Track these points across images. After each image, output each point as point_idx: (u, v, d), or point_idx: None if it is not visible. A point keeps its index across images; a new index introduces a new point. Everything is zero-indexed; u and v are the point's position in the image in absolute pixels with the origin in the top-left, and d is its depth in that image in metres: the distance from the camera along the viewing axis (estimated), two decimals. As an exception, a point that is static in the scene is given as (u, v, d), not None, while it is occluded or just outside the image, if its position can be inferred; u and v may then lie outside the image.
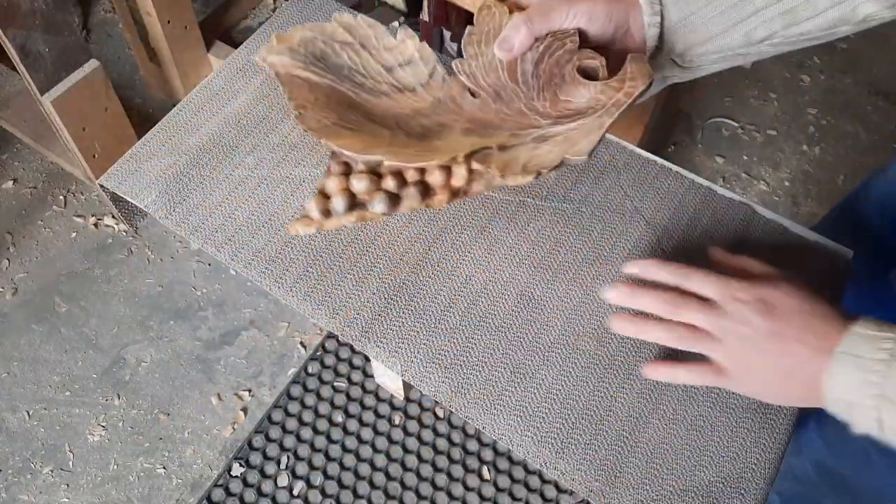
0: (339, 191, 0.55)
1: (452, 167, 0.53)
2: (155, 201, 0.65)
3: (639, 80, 0.51)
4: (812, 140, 1.58)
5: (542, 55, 0.54)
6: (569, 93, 0.53)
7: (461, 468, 1.14)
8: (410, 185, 0.54)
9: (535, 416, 0.57)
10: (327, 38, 0.59)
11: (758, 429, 0.58)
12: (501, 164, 0.50)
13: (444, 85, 0.57)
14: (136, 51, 1.48)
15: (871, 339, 0.44)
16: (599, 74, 0.53)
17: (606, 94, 0.52)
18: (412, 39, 0.58)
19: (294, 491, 1.12)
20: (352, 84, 0.58)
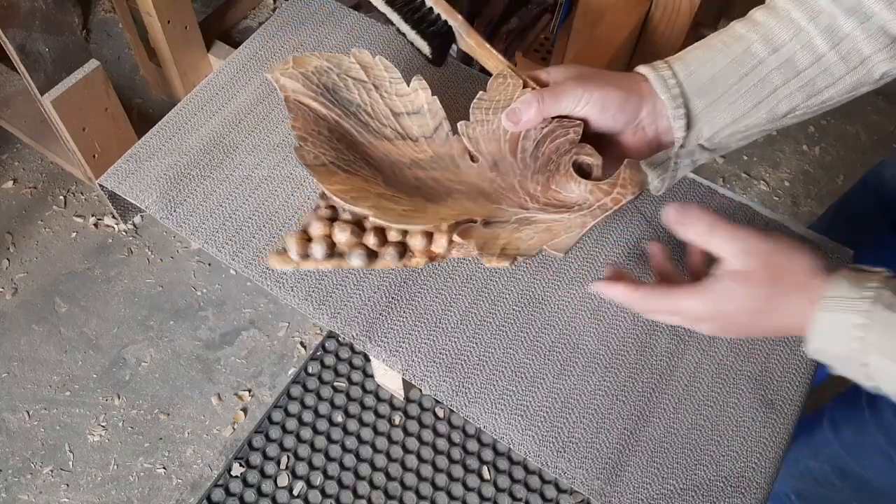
0: (320, 237, 0.55)
1: (434, 233, 0.54)
2: (155, 202, 0.65)
3: (629, 188, 0.51)
4: (812, 140, 1.58)
5: (544, 137, 0.54)
6: (560, 184, 0.53)
7: (461, 468, 1.14)
8: (390, 245, 0.55)
9: (535, 415, 0.57)
10: (343, 71, 0.59)
11: (759, 427, 0.58)
12: (482, 241, 0.51)
13: (446, 142, 0.58)
14: (136, 51, 1.48)
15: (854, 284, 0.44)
16: (594, 173, 0.53)
17: (595, 195, 0.52)
18: (425, 91, 0.58)
19: (294, 491, 1.12)
20: (356, 121, 0.58)
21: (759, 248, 0.47)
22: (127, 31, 1.43)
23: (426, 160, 0.57)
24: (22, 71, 1.04)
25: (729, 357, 0.60)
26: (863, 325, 0.42)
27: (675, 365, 0.60)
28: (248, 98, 0.72)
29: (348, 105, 0.58)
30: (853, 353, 0.43)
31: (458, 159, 0.57)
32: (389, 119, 0.59)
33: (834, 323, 0.44)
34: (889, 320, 0.42)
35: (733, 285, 0.47)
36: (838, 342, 0.44)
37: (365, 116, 0.58)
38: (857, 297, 0.43)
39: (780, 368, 0.60)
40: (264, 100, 0.72)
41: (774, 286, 0.47)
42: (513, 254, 0.50)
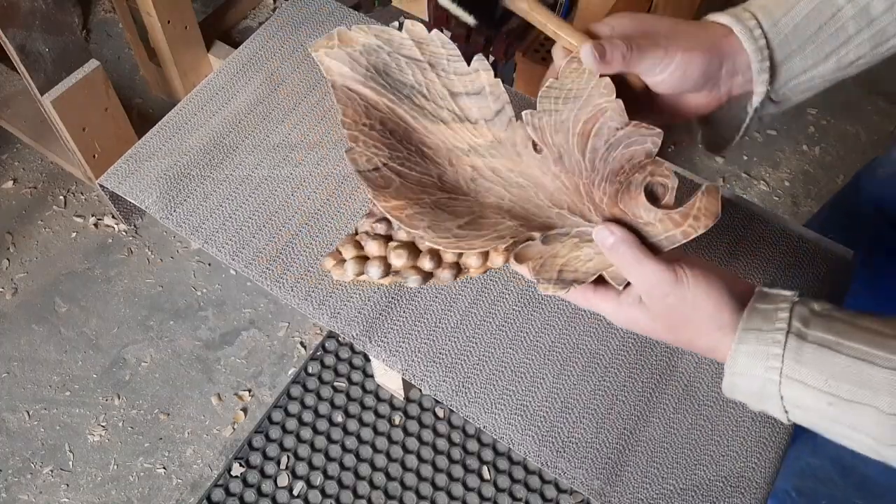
0: (376, 258, 0.54)
1: (490, 252, 0.52)
2: (155, 202, 0.65)
3: (703, 220, 0.46)
4: (812, 140, 1.58)
5: (618, 140, 0.49)
6: (628, 205, 0.48)
7: (461, 468, 1.14)
8: (446, 267, 0.54)
9: (535, 415, 0.57)
10: (394, 49, 0.54)
11: (758, 427, 0.58)
12: (538, 263, 0.48)
13: (508, 127, 0.53)
14: (136, 51, 1.48)
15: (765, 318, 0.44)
16: (666, 198, 0.48)
17: (664, 224, 0.47)
18: (487, 72, 0.54)
19: (294, 491, 1.12)
20: (411, 105, 0.54)
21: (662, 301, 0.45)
22: (127, 31, 1.43)
23: (485, 145, 0.53)
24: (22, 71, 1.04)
25: (729, 357, 0.60)
26: (777, 355, 0.42)
27: (675, 365, 0.60)
28: (248, 98, 0.72)
29: (401, 88, 0.54)
30: (769, 387, 0.43)
31: (521, 147, 0.52)
32: (447, 100, 0.54)
33: (749, 357, 0.44)
34: (799, 348, 0.42)
35: (640, 316, 0.47)
36: (754, 378, 0.44)
37: (420, 99, 0.54)
38: (770, 330, 0.43)
39: (779, 368, 0.60)
40: (264, 100, 0.72)
41: (678, 333, 0.47)
42: (570, 279, 0.47)
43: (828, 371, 0.42)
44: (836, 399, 0.42)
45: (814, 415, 0.43)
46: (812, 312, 0.43)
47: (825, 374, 0.42)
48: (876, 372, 0.41)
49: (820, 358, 0.42)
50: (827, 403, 0.42)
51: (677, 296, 0.45)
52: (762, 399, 0.44)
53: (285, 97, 0.72)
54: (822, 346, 0.42)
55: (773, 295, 0.45)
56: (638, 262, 0.45)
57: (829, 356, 0.42)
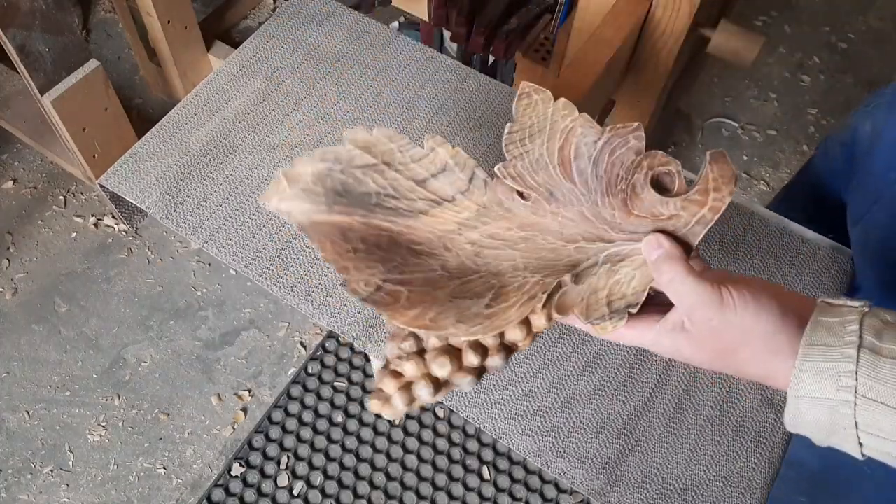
0: (420, 377, 0.48)
1: (530, 317, 0.47)
2: (156, 202, 0.65)
3: (724, 189, 0.44)
4: (812, 140, 1.58)
5: (601, 152, 0.47)
6: (642, 207, 0.46)
7: (461, 468, 1.14)
8: (494, 353, 0.48)
9: (535, 415, 0.57)
10: (345, 165, 0.51)
11: (758, 428, 0.58)
12: (583, 306, 0.44)
13: (487, 189, 0.50)
14: (136, 51, 1.48)
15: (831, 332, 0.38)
16: (677, 184, 0.46)
17: (688, 210, 0.44)
18: (443, 147, 0.51)
19: (294, 491, 1.12)
20: (384, 211, 0.51)
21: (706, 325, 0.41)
22: (127, 31, 1.43)
23: (473, 217, 0.50)
24: (22, 71, 1.04)
25: (729, 357, 0.61)
26: (850, 372, 0.37)
27: (675, 365, 0.60)
28: (248, 98, 0.72)
29: (367, 199, 0.51)
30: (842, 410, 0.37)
31: (507, 202, 0.50)
32: (416, 190, 0.51)
33: (817, 377, 0.38)
34: (875, 364, 0.37)
35: (683, 344, 0.43)
36: (824, 402, 0.38)
37: (390, 201, 0.51)
38: (838, 346, 0.38)
39: (779, 368, 0.60)
40: (264, 100, 0.72)
41: (727, 360, 0.42)
42: (622, 306, 0.44)
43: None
44: None
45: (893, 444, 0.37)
46: (885, 323, 0.38)
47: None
48: None
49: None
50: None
51: (722, 319, 0.40)
52: (833, 429, 0.38)
53: (285, 97, 0.72)
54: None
55: (839, 306, 0.40)
56: (681, 281, 0.41)
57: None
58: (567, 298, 0.45)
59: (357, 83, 0.74)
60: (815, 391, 0.38)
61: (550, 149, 0.49)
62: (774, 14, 1.76)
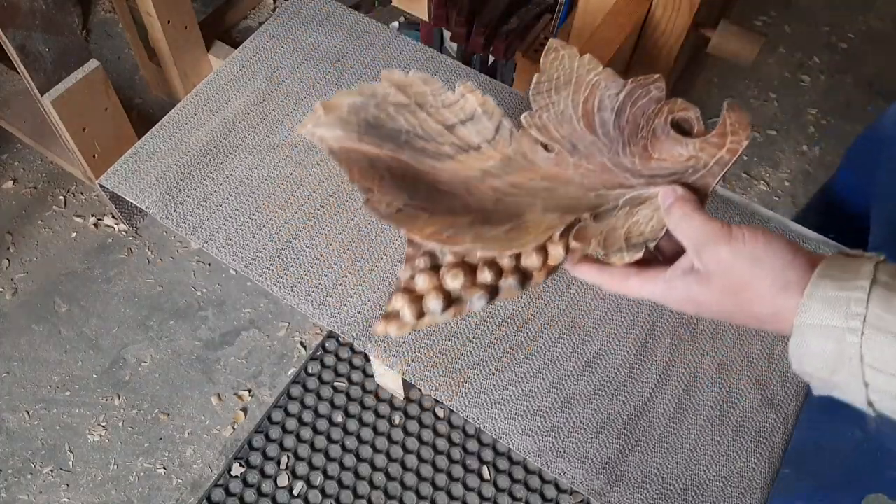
0: (431, 290, 0.49)
1: (548, 246, 0.48)
2: (155, 202, 0.65)
3: (741, 132, 0.46)
4: (812, 140, 1.58)
5: (623, 103, 0.49)
6: (662, 150, 0.47)
7: (461, 468, 1.14)
8: (508, 274, 0.49)
9: (536, 415, 0.57)
10: (379, 100, 0.53)
11: (759, 428, 0.58)
12: (601, 238, 0.45)
13: (512, 140, 0.52)
14: (136, 51, 1.48)
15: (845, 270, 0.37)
16: (695, 127, 0.48)
17: (707, 151, 0.46)
18: (473, 94, 0.53)
19: (294, 491, 1.12)
20: (412, 150, 0.52)
21: (715, 259, 0.40)
22: (127, 31, 1.43)
23: (497, 166, 0.52)
24: (22, 71, 1.04)
25: (729, 357, 0.60)
26: (861, 300, 0.35)
27: (675, 365, 0.60)
28: (248, 98, 0.72)
29: (398, 135, 0.53)
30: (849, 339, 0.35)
31: (531, 154, 0.51)
32: (444, 135, 0.53)
33: (825, 305, 0.36)
34: (888, 298, 0.35)
35: (693, 286, 0.42)
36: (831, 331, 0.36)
37: (419, 142, 0.53)
38: (851, 279, 0.36)
39: (780, 369, 0.60)
40: (264, 100, 0.72)
41: (737, 297, 0.41)
42: (639, 241, 0.44)
43: None
44: None
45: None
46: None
47: None
48: None
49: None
50: None
51: (731, 252, 0.40)
52: (838, 362, 0.36)
53: (285, 97, 0.72)
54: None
55: (856, 254, 0.39)
56: (690, 218, 0.42)
57: None
58: (586, 230, 0.46)
59: (357, 83, 0.74)
60: (822, 318, 0.37)
61: (575, 101, 0.50)
62: (774, 14, 1.76)
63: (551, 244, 0.47)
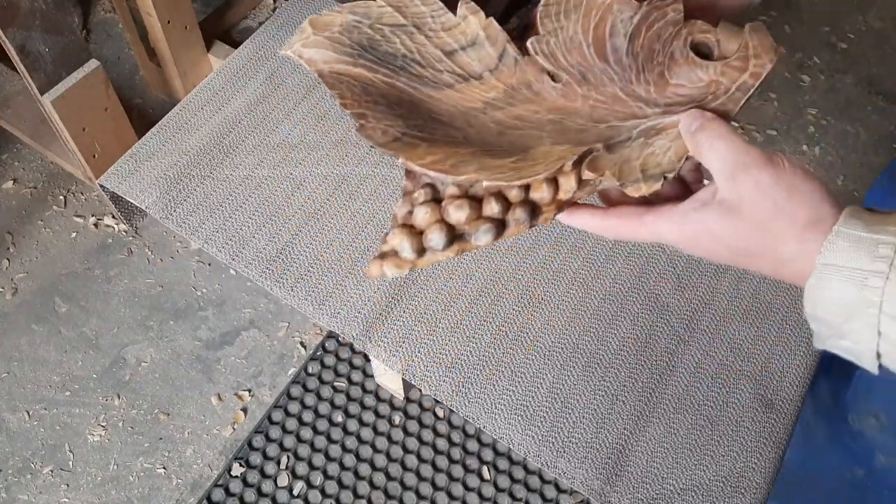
0: (433, 223, 0.44)
1: (559, 178, 0.44)
2: (155, 202, 0.65)
3: (765, 56, 0.43)
4: (812, 140, 1.58)
5: (637, 28, 0.46)
6: (680, 75, 0.45)
7: (461, 468, 1.14)
8: (517, 206, 0.44)
9: (535, 415, 0.57)
10: (374, 21, 0.49)
11: (758, 428, 0.58)
12: (616, 168, 0.42)
13: (517, 69, 0.48)
14: (136, 51, 1.48)
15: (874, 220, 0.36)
16: (715, 51, 0.45)
17: (728, 75, 0.43)
18: (476, 16, 0.49)
19: (294, 491, 1.12)
20: (408, 77, 0.48)
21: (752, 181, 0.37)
22: (127, 31, 1.43)
23: (500, 97, 0.48)
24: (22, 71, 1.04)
25: (729, 357, 0.60)
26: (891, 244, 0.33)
27: (674, 365, 0.60)
28: (248, 98, 0.72)
29: (393, 59, 0.48)
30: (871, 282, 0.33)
31: (536, 84, 0.48)
32: (443, 62, 0.49)
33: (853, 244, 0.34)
34: None
35: (716, 218, 0.38)
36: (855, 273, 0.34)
37: (416, 68, 0.49)
38: (880, 225, 0.35)
39: (780, 369, 0.60)
40: (264, 100, 0.72)
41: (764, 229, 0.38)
42: (657, 172, 0.41)
43: None
44: None
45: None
46: None
47: None
48: None
49: None
50: None
51: (774, 175, 0.37)
52: (855, 309, 0.34)
53: (285, 97, 0.72)
54: None
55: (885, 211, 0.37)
56: (726, 139, 0.38)
57: None
58: (599, 161, 0.43)
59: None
60: (847, 259, 0.34)
61: (585, 26, 0.47)
62: (774, 14, 1.76)
63: (562, 175, 0.43)
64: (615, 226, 0.42)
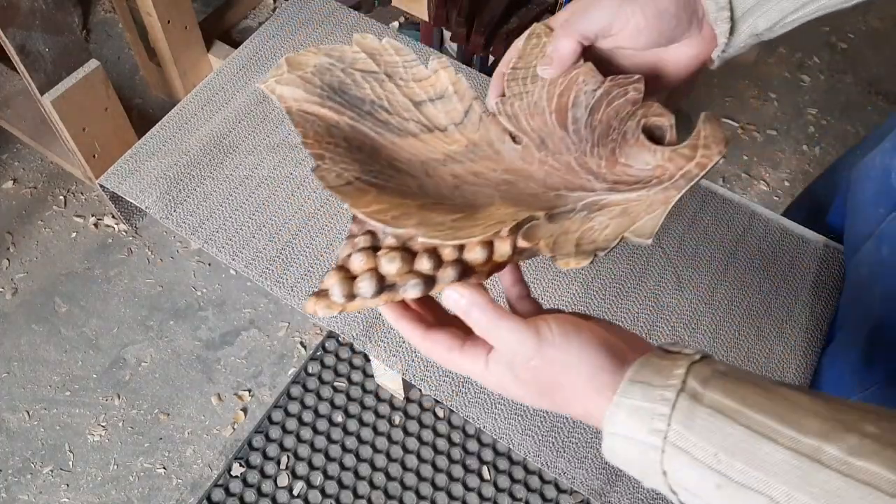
0: (365, 270, 0.45)
1: (495, 242, 0.45)
2: (156, 202, 0.65)
3: (714, 147, 0.43)
4: (812, 140, 1.58)
5: (598, 101, 0.47)
6: (630, 155, 0.46)
7: (461, 468, 1.14)
8: (448, 265, 0.45)
9: (535, 415, 0.57)
10: (347, 65, 0.51)
11: (758, 428, 0.58)
12: (551, 240, 0.43)
13: (480, 126, 0.50)
14: (136, 51, 1.48)
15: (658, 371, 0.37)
16: (668, 136, 0.46)
17: (675, 162, 0.44)
18: (447, 71, 0.50)
19: (294, 491, 1.12)
20: (374, 122, 0.50)
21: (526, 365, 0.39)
22: (127, 31, 1.43)
23: (461, 151, 0.49)
24: (22, 71, 1.04)
25: (729, 357, 0.60)
26: (664, 416, 0.34)
27: (674, 365, 0.60)
28: (248, 98, 0.72)
29: (361, 104, 0.50)
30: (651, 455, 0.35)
31: (498, 143, 0.49)
32: (411, 111, 0.50)
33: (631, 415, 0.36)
34: (691, 411, 0.34)
35: (509, 380, 0.40)
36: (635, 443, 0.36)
37: (383, 114, 0.50)
38: (660, 387, 0.36)
39: (780, 368, 0.60)
40: (264, 100, 0.72)
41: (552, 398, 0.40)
42: (590, 249, 0.42)
43: (719, 443, 0.33)
44: (726, 481, 0.33)
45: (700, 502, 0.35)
46: (716, 372, 0.36)
47: (716, 447, 0.33)
48: (773, 451, 0.32)
49: (713, 425, 0.34)
50: (715, 486, 0.33)
51: (543, 357, 0.39)
52: (644, 472, 0.36)
53: (285, 97, 0.72)
54: (717, 412, 0.34)
55: (675, 352, 0.38)
56: (494, 325, 0.39)
57: (723, 425, 0.33)
58: (536, 230, 0.43)
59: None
60: (627, 430, 0.36)
61: (550, 93, 0.49)
62: (774, 14, 1.76)
63: (498, 240, 0.44)
64: (429, 348, 0.43)
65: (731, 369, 0.36)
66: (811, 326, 0.62)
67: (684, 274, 0.64)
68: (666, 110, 0.46)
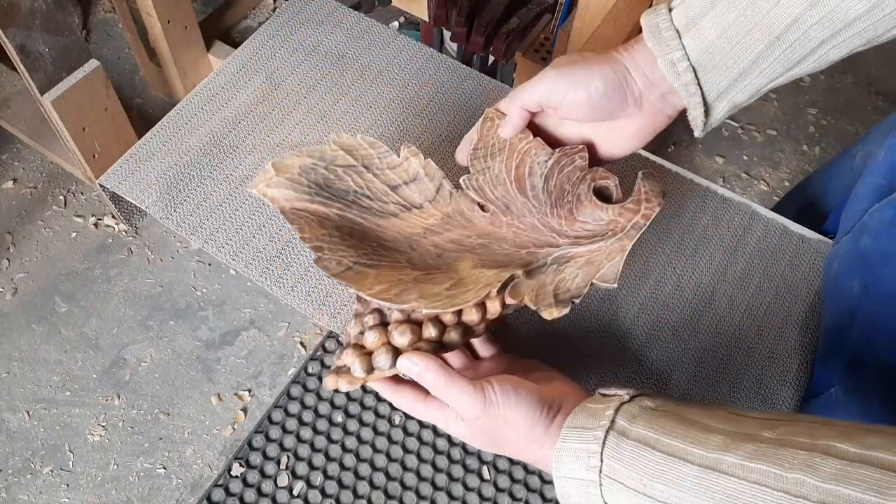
0: (380, 345, 0.52)
1: (486, 302, 0.52)
2: (155, 202, 0.65)
3: (654, 200, 0.52)
4: (812, 140, 1.58)
5: (551, 170, 0.54)
6: (585, 214, 0.53)
7: (461, 468, 1.14)
8: (451, 329, 0.52)
9: (535, 415, 0.57)
10: (328, 163, 0.56)
11: (758, 428, 0.58)
12: (533, 294, 0.49)
13: (451, 200, 0.57)
14: (136, 51, 1.48)
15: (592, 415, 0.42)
16: (615, 194, 0.53)
17: (624, 216, 0.52)
18: (416, 157, 0.57)
19: (294, 491, 1.12)
20: (359, 209, 0.56)
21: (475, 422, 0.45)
22: (127, 31, 1.43)
23: (438, 224, 0.56)
24: (22, 71, 1.04)
25: (729, 357, 0.60)
26: (596, 453, 0.39)
27: (674, 365, 0.60)
28: (248, 98, 0.72)
29: (345, 195, 0.56)
30: (592, 490, 0.40)
31: (469, 213, 0.56)
32: (389, 195, 0.57)
33: (572, 457, 0.41)
34: (618, 446, 0.39)
35: (465, 431, 0.47)
36: (578, 481, 0.40)
37: (365, 201, 0.56)
38: (592, 428, 0.40)
39: (780, 368, 0.60)
40: (264, 100, 0.72)
41: (503, 448, 0.47)
42: (566, 297, 0.49)
43: (643, 470, 0.38)
44: (654, 502, 0.37)
45: None
46: (643, 409, 0.40)
47: (641, 474, 0.38)
48: (686, 470, 0.36)
49: (638, 455, 0.38)
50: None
51: (488, 416, 0.45)
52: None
53: (285, 97, 0.72)
54: (641, 444, 0.38)
55: (610, 395, 0.43)
56: (445, 388, 0.45)
57: (645, 454, 0.38)
58: (519, 288, 0.50)
59: (357, 83, 0.74)
60: (570, 471, 0.41)
61: (508, 167, 0.55)
62: (774, 14, 1.76)
63: (489, 300, 0.51)
64: (397, 399, 0.50)
65: (661, 403, 0.41)
66: (811, 326, 0.62)
67: (684, 274, 0.64)
68: (610, 173, 0.54)
